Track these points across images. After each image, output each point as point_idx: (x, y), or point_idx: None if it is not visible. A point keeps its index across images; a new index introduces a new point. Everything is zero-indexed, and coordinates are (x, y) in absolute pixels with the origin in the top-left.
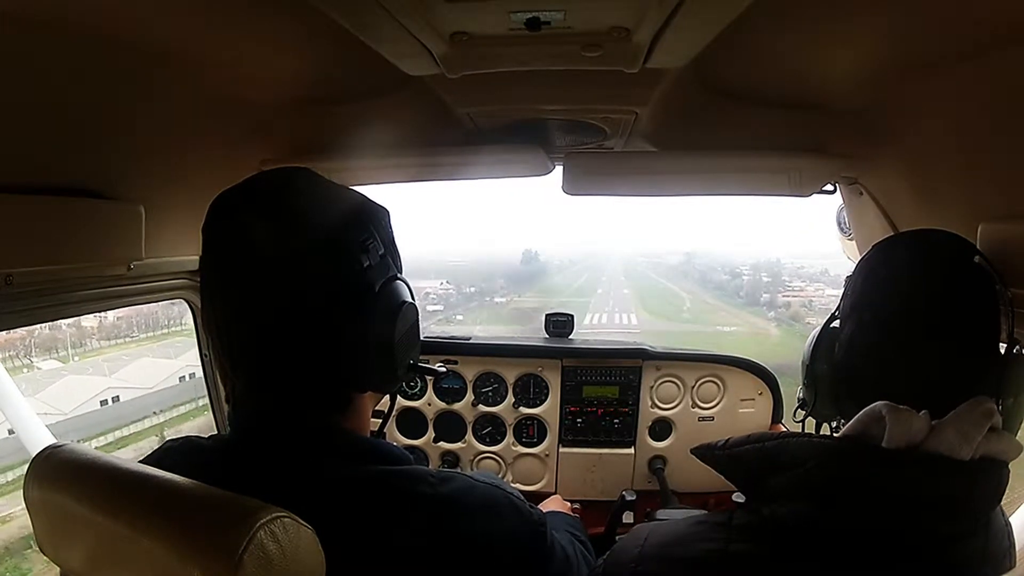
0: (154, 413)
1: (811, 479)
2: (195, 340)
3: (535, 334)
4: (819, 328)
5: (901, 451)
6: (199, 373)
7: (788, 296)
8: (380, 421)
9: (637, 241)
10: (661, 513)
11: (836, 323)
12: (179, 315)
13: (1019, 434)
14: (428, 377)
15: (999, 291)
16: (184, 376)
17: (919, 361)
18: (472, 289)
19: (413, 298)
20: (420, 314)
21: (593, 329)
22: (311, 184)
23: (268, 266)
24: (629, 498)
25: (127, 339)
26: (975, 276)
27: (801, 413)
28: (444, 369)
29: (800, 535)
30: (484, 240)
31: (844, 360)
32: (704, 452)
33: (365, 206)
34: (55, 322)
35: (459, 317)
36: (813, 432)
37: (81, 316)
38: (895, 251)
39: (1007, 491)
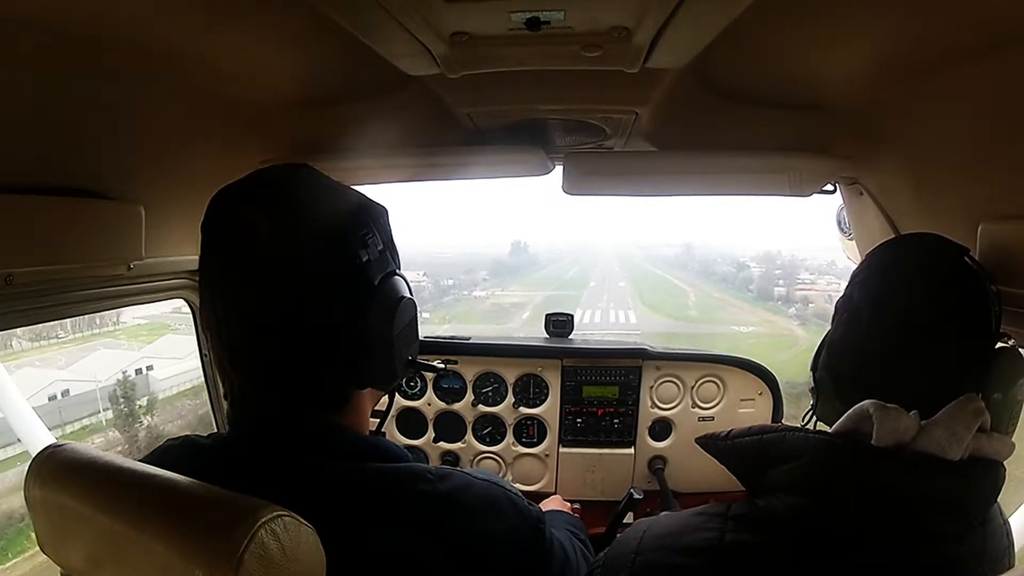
0: (18, 440)
1: (806, 473)
2: (120, 341)
3: (509, 335)
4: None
5: (889, 449)
6: (80, 388)
7: (805, 290)
8: (379, 421)
9: (631, 232)
10: (663, 515)
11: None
12: (115, 313)
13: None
14: (428, 376)
15: (988, 289)
16: (55, 394)
17: (908, 361)
18: (450, 282)
19: (411, 293)
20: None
21: (586, 331)
22: (311, 180)
23: (267, 261)
24: (637, 496)
25: (51, 340)
26: (963, 275)
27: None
28: (443, 366)
29: (795, 528)
30: (473, 232)
31: (838, 363)
32: (707, 441)
33: (364, 203)
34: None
35: (425, 315)
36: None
37: (81, 316)
38: (881, 254)
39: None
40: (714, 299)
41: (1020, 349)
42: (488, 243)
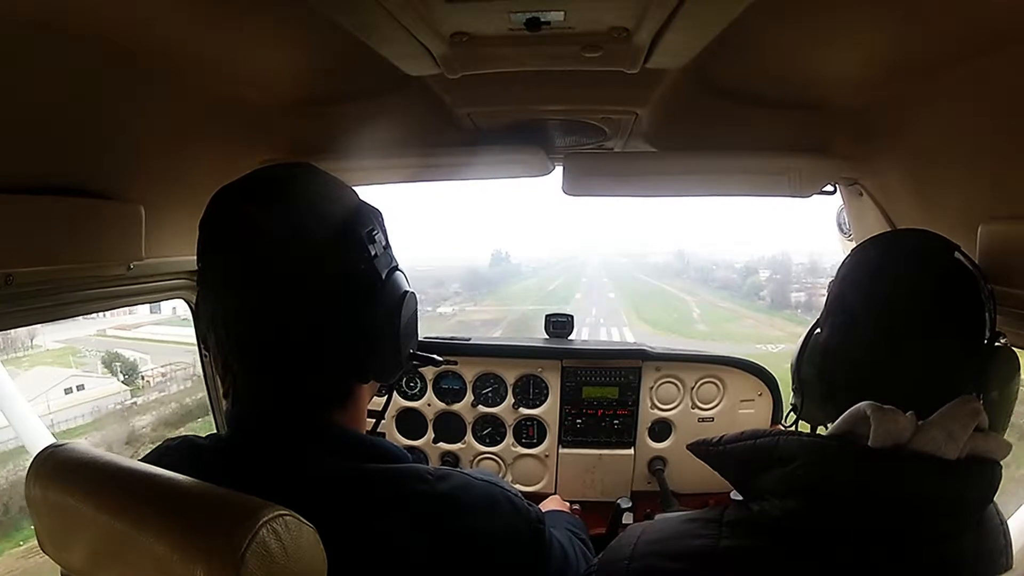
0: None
1: (799, 477)
2: (19, 370)
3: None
4: (806, 332)
5: (886, 450)
6: None
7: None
8: (374, 421)
9: (620, 240)
10: (660, 516)
11: (820, 327)
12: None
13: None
14: (428, 377)
15: (980, 286)
16: None
17: (903, 362)
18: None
19: (411, 287)
20: None
21: None
22: (314, 178)
23: (275, 260)
24: (624, 506)
25: None
26: (955, 273)
27: (792, 417)
28: (441, 359)
29: (790, 532)
30: (452, 243)
31: (827, 364)
32: (699, 448)
33: (363, 202)
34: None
35: None
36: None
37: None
38: (872, 253)
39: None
40: (722, 310)
41: (1013, 348)
42: (467, 255)
